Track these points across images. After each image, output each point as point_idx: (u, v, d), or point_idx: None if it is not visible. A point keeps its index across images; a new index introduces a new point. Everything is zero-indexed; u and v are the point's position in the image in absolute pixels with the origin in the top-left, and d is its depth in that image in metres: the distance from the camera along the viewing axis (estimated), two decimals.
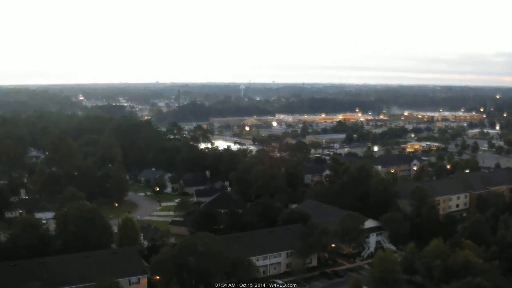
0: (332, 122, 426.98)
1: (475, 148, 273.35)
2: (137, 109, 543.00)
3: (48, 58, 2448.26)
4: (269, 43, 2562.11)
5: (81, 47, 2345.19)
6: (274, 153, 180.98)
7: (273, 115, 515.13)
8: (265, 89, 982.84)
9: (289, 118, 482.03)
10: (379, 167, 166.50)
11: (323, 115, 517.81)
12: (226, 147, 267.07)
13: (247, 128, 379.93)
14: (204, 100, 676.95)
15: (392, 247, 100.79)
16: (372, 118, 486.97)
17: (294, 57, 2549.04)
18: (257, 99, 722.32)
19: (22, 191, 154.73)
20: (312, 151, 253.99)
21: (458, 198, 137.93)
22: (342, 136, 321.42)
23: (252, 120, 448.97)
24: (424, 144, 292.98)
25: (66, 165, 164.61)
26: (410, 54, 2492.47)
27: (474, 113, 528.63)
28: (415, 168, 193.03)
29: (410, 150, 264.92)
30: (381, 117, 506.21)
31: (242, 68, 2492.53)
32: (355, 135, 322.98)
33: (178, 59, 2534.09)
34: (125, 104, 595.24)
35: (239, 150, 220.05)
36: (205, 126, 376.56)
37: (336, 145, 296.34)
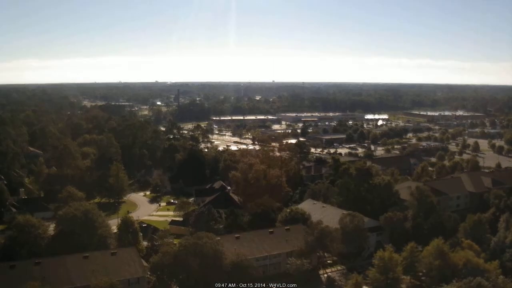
0: (332, 122, 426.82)
1: (476, 147, 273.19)
2: (136, 109, 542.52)
3: (48, 57, 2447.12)
4: (269, 42, 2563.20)
5: (80, 46, 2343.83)
6: (274, 153, 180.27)
7: (273, 114, 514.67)
8: (265, 88, 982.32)
9: (289, 117, 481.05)
10: (379, 167, 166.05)
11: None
12: (225, 146, 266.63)
13: (246, 128, 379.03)
14: (204, 99, 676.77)
15: (392, 247, 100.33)
16: (372, 117, 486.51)
17: (294, 56, 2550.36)
18: (257, 98, 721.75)
19: (21, 191, 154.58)
20: (312, 150, 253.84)
21: (458, 198, 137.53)
22: (342, 136, 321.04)
23: (252, 119, 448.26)
24: (424, 143, 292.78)
25: (65, 165, 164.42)
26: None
27: (474, 112, 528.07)
28: (415, 168, 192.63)
29: (410, 150, 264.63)
30: (381, 116, 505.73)
31: (242, 67, 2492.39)
32: (355, 135, 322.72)
33: (178, 59, 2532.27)
34: (125, 104, 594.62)
35: (239, 149, 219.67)
36: (204, 126, 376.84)
37: (336, 144, 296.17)
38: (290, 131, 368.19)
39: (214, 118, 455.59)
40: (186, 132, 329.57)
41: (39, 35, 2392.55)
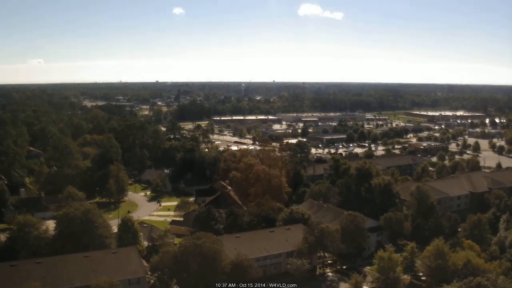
0: (332, 122, 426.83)
1: (476, 147, 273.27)
2: (137, 109, 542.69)
3: (48, 56, 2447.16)
4: (270, 41, 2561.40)
5: (80, 46, 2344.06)
6: (274, 153, 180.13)
7: (274, 114, 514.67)
8: (266, 88, 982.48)
9: (289, 117, 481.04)
10: (380, 167, 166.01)
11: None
12: (226, 146, 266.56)
13: (247, 128, 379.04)
14: (204, 99, 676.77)
15: (392, 247, 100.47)
16: (373, 117, 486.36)
17: (295, 56, 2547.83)
18: (258, 98, 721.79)
19: (22, 191, 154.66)
20: (313, 150, 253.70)
21: (459, 198, 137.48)
22: (343, 136, 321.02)
23: (252, 119, 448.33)
24: (424, 143, 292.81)
25: (65, 165, 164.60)
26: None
27: (474, 112, 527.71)
28: (415, 168, 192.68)
29: (410, 150, 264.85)
30: (382, 116, 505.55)
31: (242, 67, 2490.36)
32: (355, 135, 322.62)
33: (178, 58, 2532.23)
34: (125, 104, 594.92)
35: (239, 149, 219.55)
36: (205, 126, 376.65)
37: (336, 144, 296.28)
38: (290, 131, 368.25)
39: (215, 118, 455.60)
40: (186, 132, 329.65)
41: (40, 37, 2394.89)
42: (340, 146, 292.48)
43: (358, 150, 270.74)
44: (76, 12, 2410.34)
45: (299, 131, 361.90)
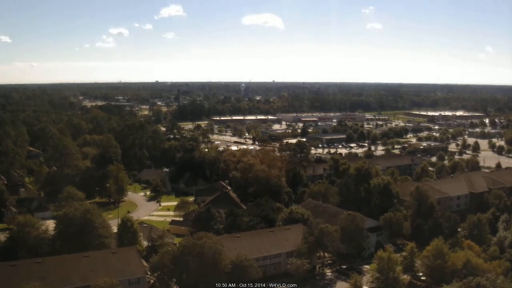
0: (332, 122, 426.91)
1: (476, 147, 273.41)
2: (136, 109, 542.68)
3: (49, 56, 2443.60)
4: (270, 41, 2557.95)
5: (80, 45, 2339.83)
6: (274, 153, 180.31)
7: (273, 114, 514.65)
8: (265, 88, 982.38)
9: (289, 117, 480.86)
10: (379, 167, 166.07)
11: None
12: (226, 146, 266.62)
13: (246, 128, 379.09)
14: (204, 99, 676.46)
15: (392, 247, 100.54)
16: (373, 117, 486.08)
17: (295, 56, 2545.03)
18: (257, 98, 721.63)
19: (22, 191, 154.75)
20: (312, 150, 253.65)
21: (459, 198, 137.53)
22: (342, 136, 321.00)
23: (252, 119, 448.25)
24: (424, 143, 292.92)
25: (65, 165, 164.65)
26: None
27: (474, 112, 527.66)
28: (415, 168, 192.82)
29: (410, 150, 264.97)
30: (381, 116, 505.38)
31: (242, 67, 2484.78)
32: (355, 135, 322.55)
33: (178, 58, 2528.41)
34: (125, 104, 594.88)
35: (239, 149, 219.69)
36: (204, 126, 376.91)
37: (336, 144, 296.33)
38: (290, 131, 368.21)
39: (214, 118, 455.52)
40: (186, 132, 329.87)
41: (40, 38, 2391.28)
42: (340, 146, 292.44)
43: (358, 150, 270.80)
44: (75, 11, 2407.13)
45: (299, 131, 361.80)
